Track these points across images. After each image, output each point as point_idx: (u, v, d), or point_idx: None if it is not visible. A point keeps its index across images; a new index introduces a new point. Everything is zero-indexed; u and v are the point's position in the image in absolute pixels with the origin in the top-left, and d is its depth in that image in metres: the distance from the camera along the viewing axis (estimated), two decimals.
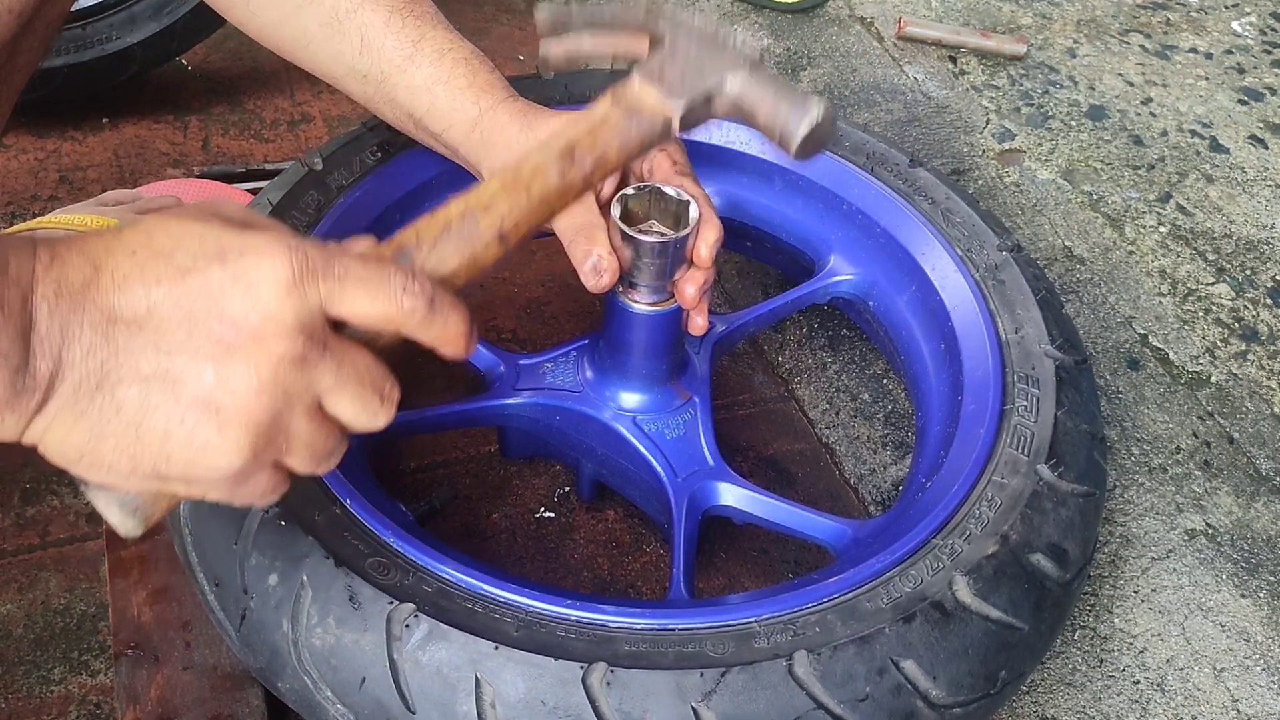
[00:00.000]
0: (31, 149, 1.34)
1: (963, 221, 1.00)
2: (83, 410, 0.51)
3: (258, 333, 0.52)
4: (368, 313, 0.55)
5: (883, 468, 1.09)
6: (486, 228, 0.63)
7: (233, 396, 0.52)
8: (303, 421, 0.55)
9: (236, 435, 0.53)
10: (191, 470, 0.53)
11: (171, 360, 0.51)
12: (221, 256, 0.52)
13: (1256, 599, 0.96)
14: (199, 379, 0.52)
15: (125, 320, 0.51)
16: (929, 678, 0.69)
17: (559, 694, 0.65)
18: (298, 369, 0.53)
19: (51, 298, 0.50)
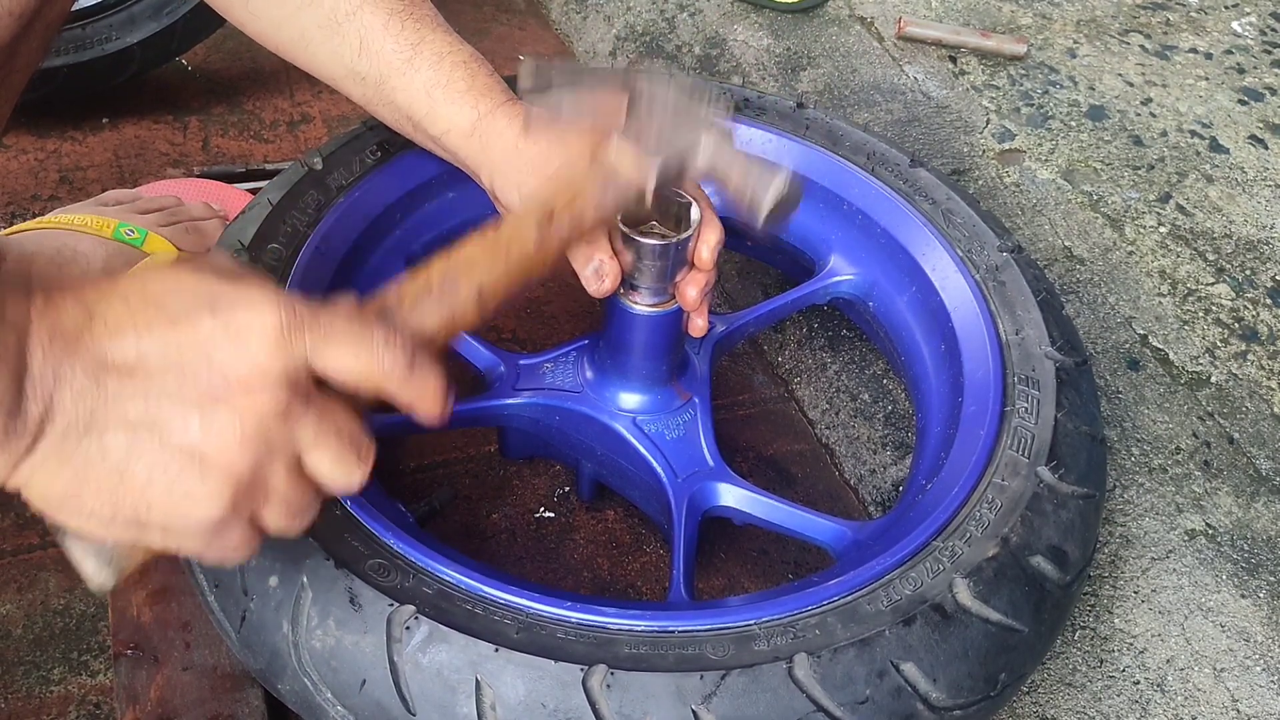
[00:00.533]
0: (31, 149, 1.34)
1: (963, 222, 1.00)
2: (69, 454, 0.52)
3: (245, 383, 0.53)
4: (350, 369, 0.56)
5: (883, 468, 1.09)
6: (465, 289, 0.65)
7: (216, 446, 0.53)
8: (281, 475, 0.56)
9: (218, 485, 0.53)
10: (171, 518, 0.54)
11: (159, 408, 0.52)
12: (212, 306, 0.53)
13: (1256, 599, 0.96)
14: (185, 427, 0.53)
15: (116, 367, 0.52)
16: (929, 680, 0.69)
17: (559, 696, 0.66)
18: (281, 421, 0.54)
19: (46, 342, 0.50)
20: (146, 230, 1.07)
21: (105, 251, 1.05)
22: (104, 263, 1.04)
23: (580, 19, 1.72)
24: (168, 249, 1.08)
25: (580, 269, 0.83)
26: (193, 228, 1.12)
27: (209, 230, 1.13)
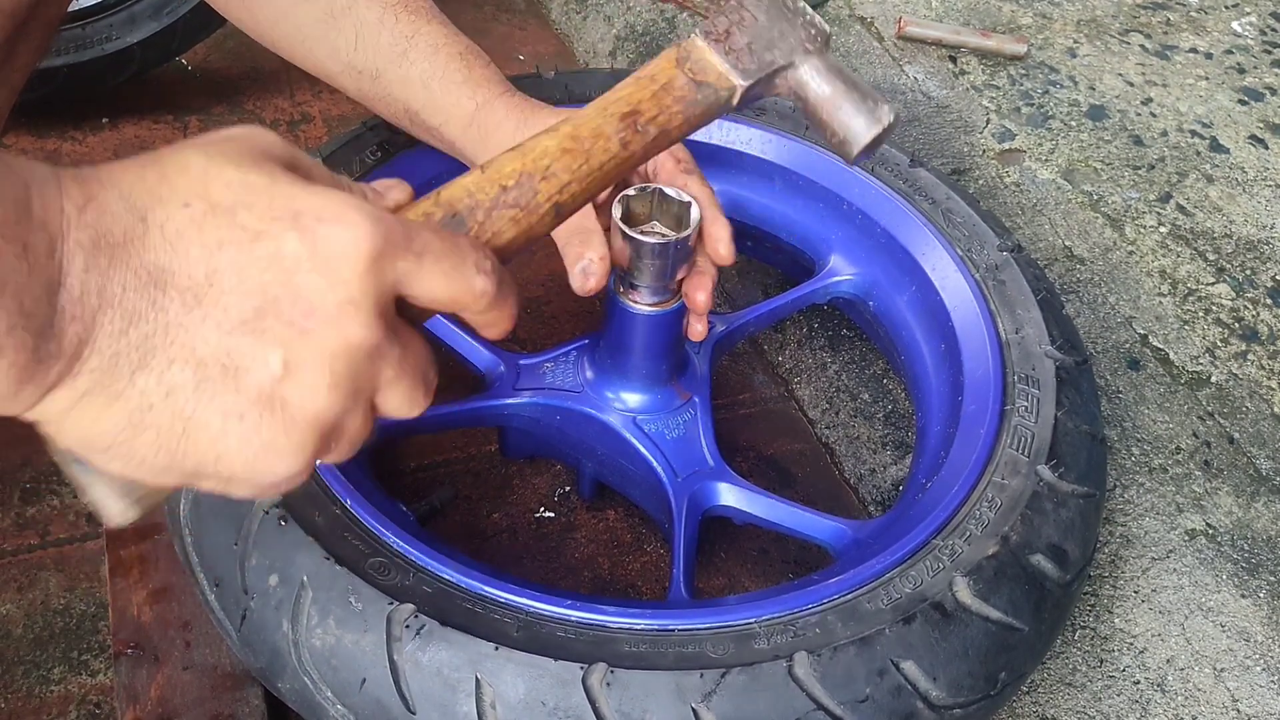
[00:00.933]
0: (31, 149, 1.34)
1: (963, 222, 1.00)
2: (119, 392, 0.43)
3: (334, 316, 0.44)
4: (441, 295, 0.49)
5: (883, 468, 1.09)
6: (544, 197, 0.57)
7: (303, 390, 0.45)
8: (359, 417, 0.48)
9: (303, 435, 0.46)
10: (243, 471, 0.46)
11: (234, 341, 0.44)
12: (295, 219, 0.44)
13: (1256, 599, 0.96)
14: (265, 367, 0.44)
15: (180, 288, 0.43)
16: (929, 679, 0.69)
17: (559, 695, 0.66)
18: (369, 360, 0.46)
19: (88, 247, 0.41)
20: None
21: None
22: None
23: (580, 19, 1.72)
24: None
25: (569, 267, 0.82)
26: None
27: None
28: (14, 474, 1.00)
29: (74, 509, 0.98)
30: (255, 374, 0.44)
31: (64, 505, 0.98)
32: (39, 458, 1.01)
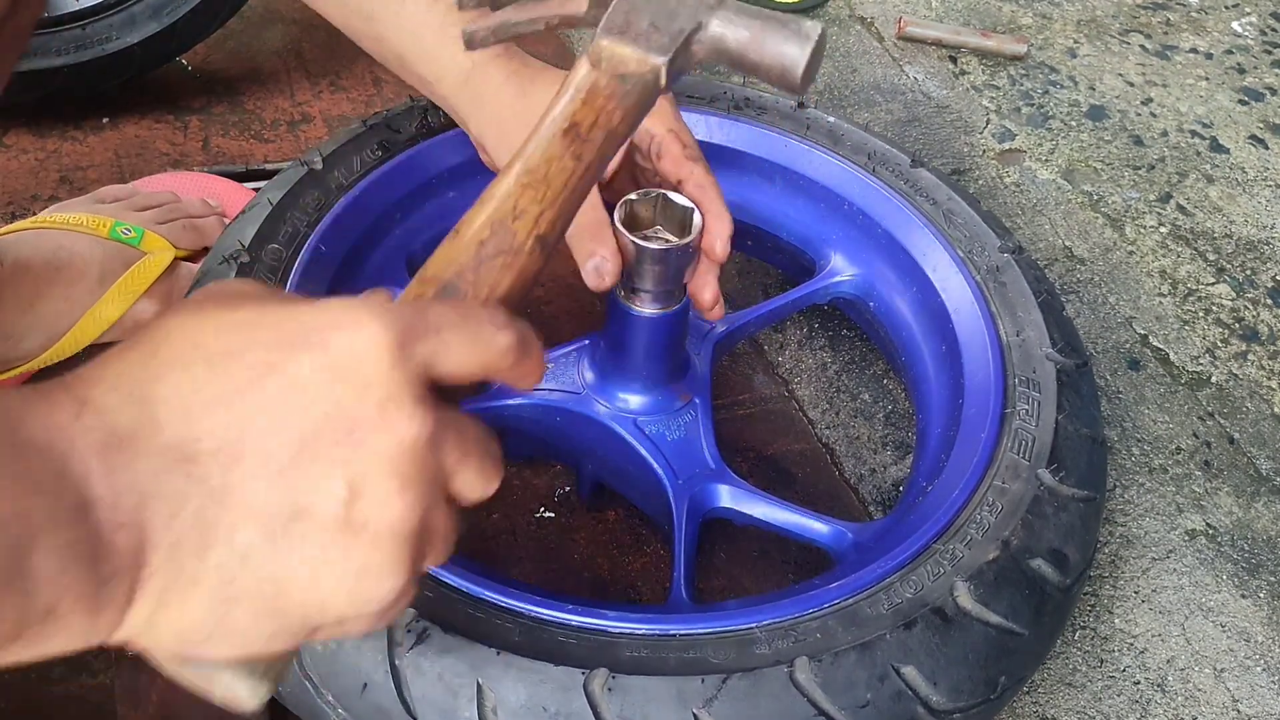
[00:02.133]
0: (31, 149, 1.34)
1: (964, 222, 1.00)
2: (194, 577, 0.40)
3: (378, 421, 0.42)
4: (467, 364, 0.46)
5: (883, 468, 1.09)
6: (523, 237, 0.55)
7: (375, 506, 0.42)
8: (442, 509, 0.45)
9: (393, 550, 0.43)
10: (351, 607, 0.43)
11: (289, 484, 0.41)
12: (304, 340, 0.42)
13: (1257, 599, 0.96)
14: (330, 497, 0.41)
15: (211, 451, 0.40)
16: (929, 683, 0.69)
17: (560, 700, 0.66)
18: (430, 451, 0.43)
19: (101, 453, 0.39)
20: (143, 229, 1.07)
21: (102, 251, 1.04)
22: (101, 263, 1.04)
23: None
24: (165, 248, 1.08)
25: (581, 263, 0.81)
26: (189, 225, 1.12)
27: (206, 228, 1.13)
28: None
29: None
30: (323, 507, 0.42)
31: None
32: None
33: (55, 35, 1.27)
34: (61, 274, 1.02)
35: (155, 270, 1.05)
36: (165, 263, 1.06)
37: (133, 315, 1.05)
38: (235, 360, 0.41)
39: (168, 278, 1.06)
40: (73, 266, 1.02)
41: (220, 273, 0.87)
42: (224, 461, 0.40)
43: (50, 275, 1.01)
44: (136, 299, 1.04)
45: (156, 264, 1.05)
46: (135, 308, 1.05)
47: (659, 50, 0.62)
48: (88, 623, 0.39)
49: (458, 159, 1.02)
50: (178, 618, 0.41)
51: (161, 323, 0.43)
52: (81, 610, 0.38)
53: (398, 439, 0.42)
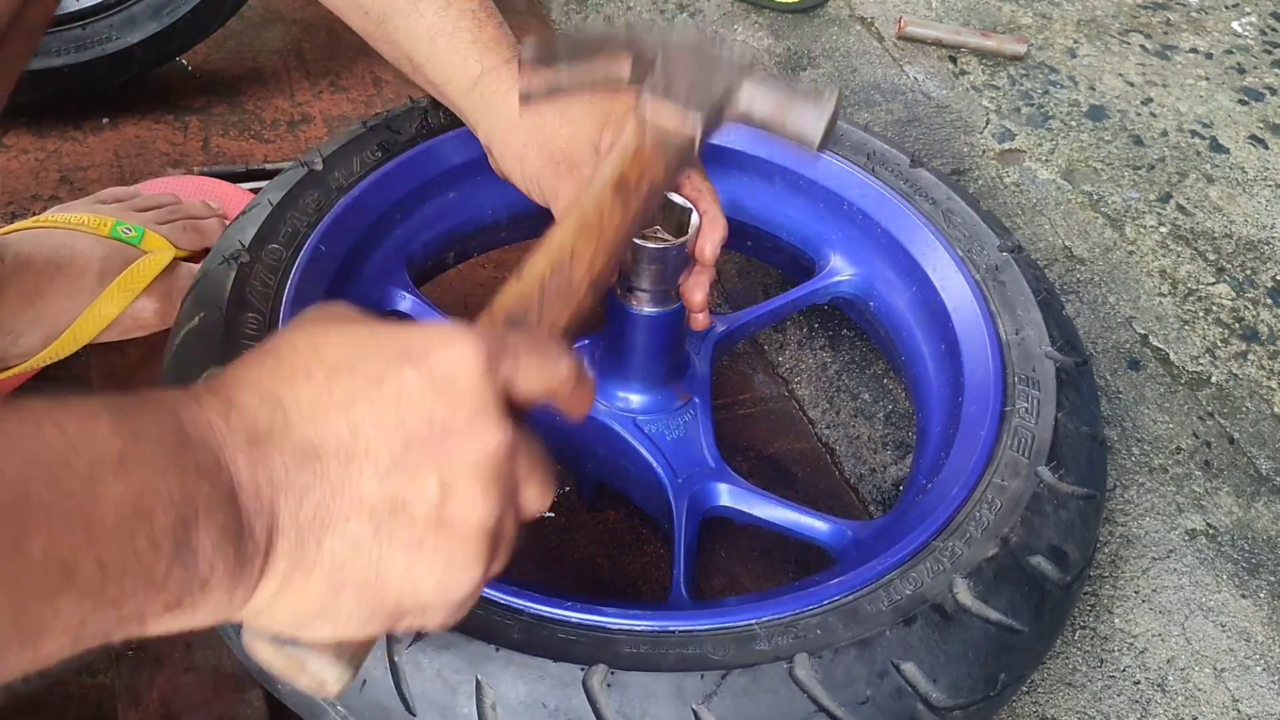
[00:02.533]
0: (32, 149, 1.34)
1: (963, 222, 1.00)
2: (313, 561, 0.46)
3: (469, 430, 0.48)
4: (537, 386, 0.52)
5: (883, 468, 1.09)
6: (579, 277, 0.63)
7: (463, 505, 0.48)
8: (512, 515, 0.51)
9: (476, 545, 0.48)
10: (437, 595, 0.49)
11: (392, 482, 0.46)
12: (407, 356, 0.48)
13: (1257, 599, 0.96)
14: (425, 494, 0.47)
15: (331, 451, 0.46)
16: (929, 680, 0.69)
17: (560, 696, 0.66)
18: (509, 460, 0.49)
19: (246, 447, 0.44)
20: (144, 229, 1.07)
21: (102, 250, 1.05)
22: (101, 262, 1.04)
23: (580, 19, 1.72)
24: (165, 247, 1.08)
25: None
26: (190, 225, 1.12)
27: (207, 229, 1.13)
28: None
29: None
30: (419, 503, 0.47)
31: None
32: None
33: (55, 35, 1.27)
34: (62, 271, 1.02)
35: (154, 269, 1.05)
36: (164, 262, 1.06)
37: (131, 313, 1.05)
38: (351, 371, 0.47)
39: (167, 276, 1.07)
40: (73, 264, 1.02)
41: (220, 273, 0.87)
42: (341, 459, 0.46)
43: (51, 273, 1.01)
44: (135, 297, 1.04)
45: (156, 263, 1.05)
46: (134, 306, 1.05)
47: (696, 112, 0.70)
48: (226, 597, 0.44)
49: (457, 160, 1.02)
50: (297, 598, 0.46)
51: (287, 335, 0.49)
52: (225, 585, 0.44)
53: (484, 446, 0.48)
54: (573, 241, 0.64)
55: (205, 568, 0.42)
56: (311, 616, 0.47)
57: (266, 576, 0.45)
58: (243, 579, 0.44)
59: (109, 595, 0.40)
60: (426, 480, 0.47)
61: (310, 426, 0.46)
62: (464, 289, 1.22)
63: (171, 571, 0.41)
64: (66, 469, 0.39)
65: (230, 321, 0.83)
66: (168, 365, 0.84)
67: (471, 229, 1.07)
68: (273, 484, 0.45)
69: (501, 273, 1.25)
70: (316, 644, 0.50)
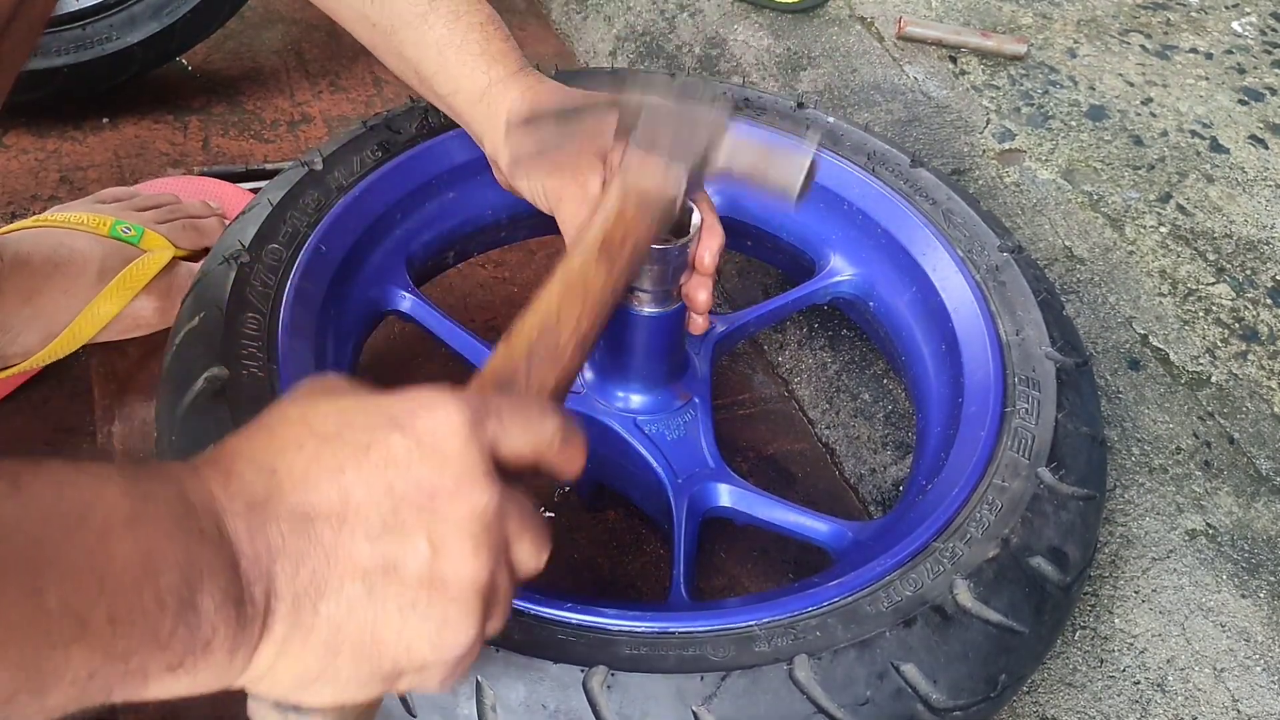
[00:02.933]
0: (32, 149, 1.34)
1: (964, 222, 1.00)
2: (310, 626, 0.47)
3: (456, 490, 0.49)
4: (522, 447, 0.53)
5: (883, 468, 1.09)
6: (565, 340, 0.64)
7: (453, 563, 0.49)
8: (505, 574, 0.52)
9: (469, 603, 0.50)
10: (432, 654, 0.50)
11: (384, 544, 0.48)
12: (394, 422, 0.49)
13: (1257, 599, 0.96)
14: (416, 554, 0.48)
15: (323, 516, 0.47)
16: (929, 681, 0.69)
17: (559, 697, 0.66)
18: (497, 518, 0.51)
19: (245, 515, 0.46)
20: (143, 228, 1.07)
21: (102, 249, 1.05)
22: (100, 261, 1.04)
23: (580, 19, 1.72)
24: (164, 246, 1.08)
25: None
26: (190, 225, 1.12)
27: (207, 228, 1.13)
28: None
29: None
30: (411, 563, 0.48)
31: None
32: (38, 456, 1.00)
33: (55, 35, 1.27)
34: (61, 270, 1.02)
35: (153, 268, 1.05)
36: (163, 261, 1.06)
37: (131, 312, 1.05)
38: (340, 440, 0.49)
39: (166, 276, 1.07)
40: (72, 263, 1.02)
41: (220, 273, 0.87)
42: (333, 525, 0.47)
43: (49, 271, 1.01)
44: (134, 296, 1.04)
45: (155, 262, 1.05)
46: (133, 305, 1.05)
47: (680, 165, 0.71)
48: (227, 660, 0.45)
49: (457, 160, 1.02)
50: (295, 662, 0.48)
51: (280, 409, 0.51)
52: (226, 647, 0.45)
53: (471, 506, 0.49)
54: (558, 305, 0.65)
55: (208, 629, 0.44)
56: (311, 680, 0.48)
57: (265, 640, 0.46)
58: (243, 642, 0.45)
59: (117, 649, 0.41)
60: (418, 540, 0.48)
61: (302, 494, 0.47)
62: (464, 289, 1.22)
63: (175, 630, 0.43)
64: (82, 525, 0.41)
65: (230, 321, 0.83)
66: (167, 365, 0.84)
67: (471, 229, 1.07)
68: (270, 550, 0.46)
69: (501, 272, 1.26)
70: (319, 708, 0.51)
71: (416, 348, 1.15)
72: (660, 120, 0.72)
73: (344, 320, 0.94)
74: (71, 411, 1.05)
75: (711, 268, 0.84)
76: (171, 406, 0.80)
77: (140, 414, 1.05)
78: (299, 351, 0.85)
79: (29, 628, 0.38)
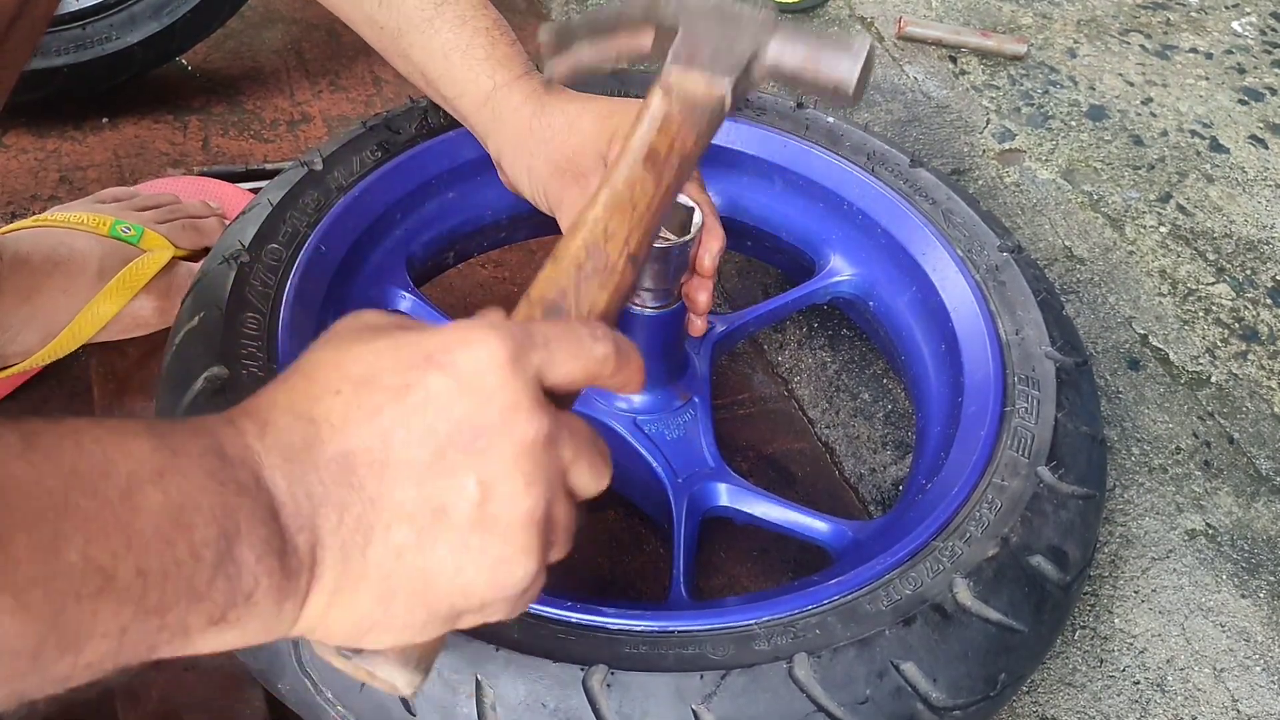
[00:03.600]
0: (31, 149, 1.34)
1: (963, 222, 1.00)
2: (360, 573, 0.46)
3: (501, 426, 0.47)
4: (576, 373, 0.51)
5: (883, 467, 1.09)
6: (615, 255, 0.61)
7: (506, 500, 0.47)
8: (562, 501, 0.51)
9: (525, 538, 0.48)
10: (491, 593, 0.49)
11: (430, 487, 0.47)
12: (430, 360, 0.48)
13: (1256, 599, 0.96)
14: (464, 496, 0.47)
15: (365, 463, 0.46)
16: (929, 680, 0.69)
17: (559, 696, 0.66)
18: (549, 449, 0.49)
19: (283, 465, 0.45)
20: (143, 227, 1.07)
21: (101, 249, 1.04)
22: (99, 260, 1.04)
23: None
24: (164, 246, 1.08)
25: None
26: (190, 225, 1.12)
27: (207, 228, 1.13)
28: None
29: None
30: (460, 505, 0.47)
31: None
32: None
33: (55, 35, 1.27)
34: (60, 269, 1.02)
35: (153, 267, 1.05)
36: (163, 260, 1.06)
37: (130, 312, 1.05)
38: (375, 383, 0.47)
39: (166, 275, 1.07)
40: (72, 263, 1.02)
41: (220, 272, 0.87)
42: (375, 470, 0.46)
43: (49, 270, 1.01)
44: (134, 296, 1.04)
45: (154, 261, 1.05)
46: (133, 305, 1.05)
47: (725, 75, 0.67)
48: (275, 611, 0.45)
49: (457, 160, 1.02)
50: (348, 610, 0.47)
51: (311, 355, 0.50)
52: (272, 599, 0.44)
53: (520, 440, 0.47)
54: (606, 220, 0.62)
55: (249, 580, 0.43)
56: (367, 627, 0.48)
57: (314, 590, 0.46)
58: (290, 592, 0.45)
59: (150, 603, 0.40)
60: (465, 481, 0.47)
61: (342, 440, 0.46)
62: (464, 289, 1.22)
63: (214, 583, 0.42)
64: (105, 479, 0.40)
65: (230, 321, 0.83)
66: (167, 365, 0.84)
67: (471, 229, 1.07)
68: (311, 500, 0.45)
69: (501, 272, 1.25)
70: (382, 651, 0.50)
71: None
72: (700, 27, 0.68)
73: None
74: (71, 411, 1.05)
75: (712, 270, 0.85)
76: (171, 406, 0.80)
77: (140, 414, 1.05)
78: (299, 351, 0.84)
79: (49, 581, 0.38)
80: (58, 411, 1.05)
